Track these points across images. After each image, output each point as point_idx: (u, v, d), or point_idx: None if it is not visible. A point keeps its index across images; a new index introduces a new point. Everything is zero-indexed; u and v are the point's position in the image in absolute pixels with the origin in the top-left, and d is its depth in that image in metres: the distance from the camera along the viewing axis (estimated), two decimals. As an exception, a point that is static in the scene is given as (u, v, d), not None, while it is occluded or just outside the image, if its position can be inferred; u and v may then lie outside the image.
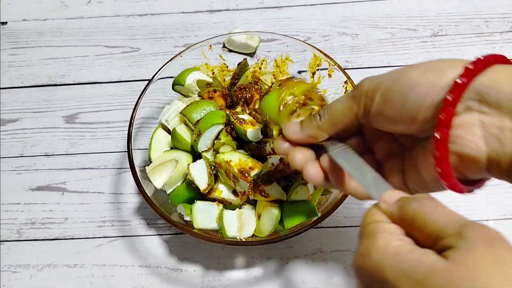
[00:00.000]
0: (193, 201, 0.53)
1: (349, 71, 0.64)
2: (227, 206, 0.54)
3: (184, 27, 0.78)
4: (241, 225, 0.52)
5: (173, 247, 0.59)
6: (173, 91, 0.62)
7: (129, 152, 0.54)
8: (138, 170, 0.53)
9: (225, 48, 0.69)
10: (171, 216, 0.51)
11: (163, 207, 0.52)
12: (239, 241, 0.51)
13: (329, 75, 0.60)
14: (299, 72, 0.63)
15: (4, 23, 0.81)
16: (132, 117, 0.56)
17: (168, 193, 0.55)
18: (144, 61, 0.76)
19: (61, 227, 0.62)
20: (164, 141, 0.58)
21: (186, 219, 0.52)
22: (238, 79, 0.60)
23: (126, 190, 0.64)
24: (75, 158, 0.67)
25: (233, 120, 0.52)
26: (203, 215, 0.52)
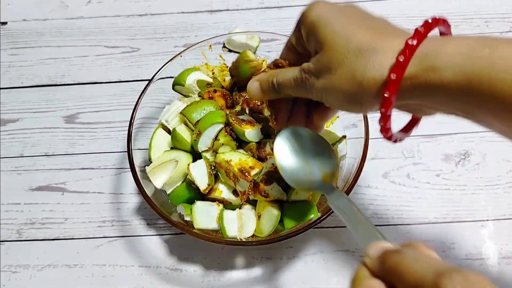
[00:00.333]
0: (193, 201, 0.53)
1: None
2: (227, 206, 0.54)
3: (184, 27, 0.78)
4: (241, 225, 0.52)
5: (173, 247, 0.59)
6: (173, 91, 0.62)
7: (129, 152, 0.54)
8: (138, 170, 0.53)
9: (225, 48, 0.69)
10: (171, 216, 0.51)
11: (163, 207, 0.52)
12: (239, 241, 0.51)
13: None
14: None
15: (4, 23, 0.81)
16: (132, 117, 0.56)
17: (168, 193, 0.55)
18: (144, 61, 0.76)
19: (61, 227, 0.62)
20: (164, 141, 0.58)
21: (186, 219, 0.52)
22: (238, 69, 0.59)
23: (126, 190, 0.64)
24: (75, 158, 0.67)
25: (231, 121, 0.52)
26: (203, 215, 0.52)
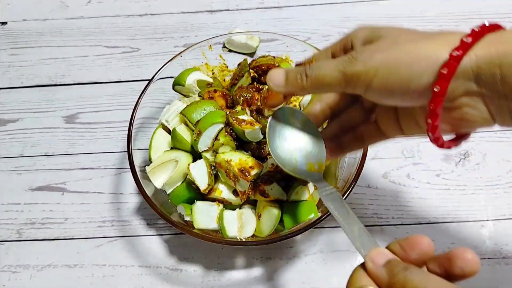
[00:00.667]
0: (193, 201, 0.53)
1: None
2: (227, 206, 0.54)
3: (184, 27, 0.78)
4: (241, 225, 0.52)
5: (173, 247, 0.59)
6: (173, 91, 0.62)
7: (129, 152, 0.54)
8: (138, 170, 0.53)
9: (225, 48, 0.69)
10: (171, 216, 0.51)
11: (163, 207, 0.52)
12: (239, 241, 0.51)
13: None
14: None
15: (4, 23, 0.81)
16: (132, 117, 0.56)
17: (168, 193, 0.55)
18: (144, 61, 0.76)
19: (61, 227, 0.62)
20: (164, 141, 0.58)
21: (186, 219, 0.52)
22: (238, 80, 0.60)
23: (126, 190, 0.64)
24: (75, 158, 0.67)
25: (231, 121, 0.52)
26: (203, 215, 0.52)
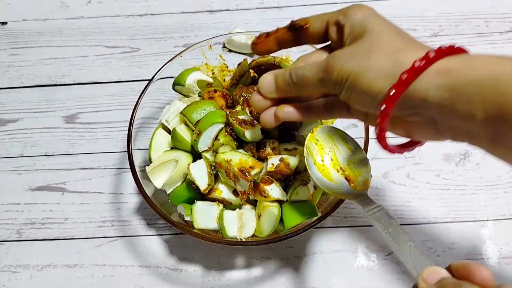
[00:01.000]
0: (193, 201, 0.53)
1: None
2: (227, 206, 0.54)
3: (184, 27, 0.78)
4: (241, 225, 0.52)
5: (173, 247, 0.59)
6: (173, 91, 0.62)
7: (129, 152, 0.54)
8: (138, 170, 0.53)
9: (225, 48, 0.69)
10: (171, 216, 0.51)
11: (163, 207, 0.52)
12: (239, 241, 0.51)
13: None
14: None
15: (4, 23, 0.81)
16: (132, 117, 0.56)
17: (168, 193, 0.55)
18: (144, 61, 0.76)
19: (61, 227, 0.62)
20: (164, 141, 0.58)
21: (186, 219, 0.52)
22: (238, 80, 0.60)
23: (126, 190, 0.64)
24: (75, 158, 0.67)
25: (231, 121, 0.52)
26: (203, 215, 0.52)
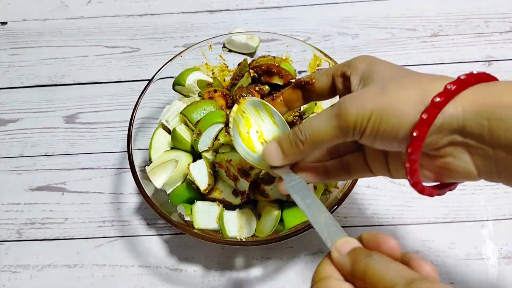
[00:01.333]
0: (193, 201, 0.53)
1: (349, 71, 0.63)
2: (227, 206, 0.54)
3: (184, 27, 0.78)
4: (241, 225, 0.52)
5: (173, 247, 0.59)
6: (173, 91, 0.62)
7: (129, 152, 0.54)
8: (138, 170, 0.53)
9: (225, 48, 0.69)
10: (171, 216, 0.51)
11: (163, 207, 0.52)
12: (239, 241, 0.51)
13: (329, 75, 0.60)
14: (300, 72, 0.63)
15: (4, 23, 0.81)
16: (132, 117, 0.56)
17: (168, 193, 0.55)
18: (144, 61, 0.76)
19: (61, 227, 0.62)
20: (164, 141, 0.58)
21: (186, 219, 0.52)
22: (238, 80, 0.60)
23: (126, 190, 0.64)
24: (75, 158, 0.67)
25: (231, 120, 0.52)
26: (203, 215, 0.52)
